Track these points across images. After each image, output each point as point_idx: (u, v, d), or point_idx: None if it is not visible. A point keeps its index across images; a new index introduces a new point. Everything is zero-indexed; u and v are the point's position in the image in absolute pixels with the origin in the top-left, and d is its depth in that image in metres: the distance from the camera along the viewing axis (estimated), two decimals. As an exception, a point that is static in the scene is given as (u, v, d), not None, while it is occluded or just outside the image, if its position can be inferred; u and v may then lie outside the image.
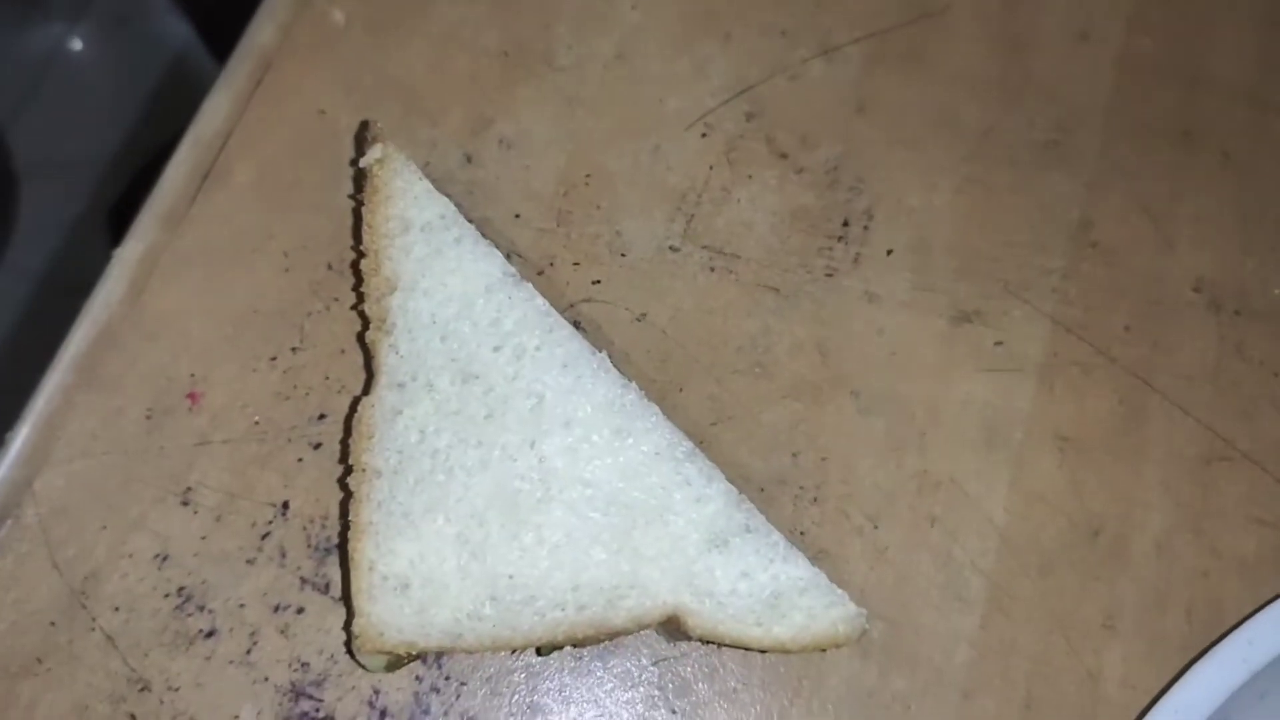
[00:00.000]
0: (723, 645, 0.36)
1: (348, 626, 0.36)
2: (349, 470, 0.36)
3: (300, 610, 0.37)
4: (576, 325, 0.40)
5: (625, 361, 0.40)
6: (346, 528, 0.35)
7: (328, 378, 0.39)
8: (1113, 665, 0.38)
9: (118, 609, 0.36)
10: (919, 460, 0.39)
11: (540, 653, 0.36)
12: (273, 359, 0.39)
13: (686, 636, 0.35)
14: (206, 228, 0.41)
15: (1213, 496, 0.40)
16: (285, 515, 0.38)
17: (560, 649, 0.36)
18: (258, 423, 0.39)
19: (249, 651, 0.36)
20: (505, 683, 0.36)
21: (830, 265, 0.42)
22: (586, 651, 0.37)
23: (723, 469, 0.37)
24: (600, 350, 0.37)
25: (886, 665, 0.37)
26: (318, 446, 0.38)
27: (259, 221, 0.41)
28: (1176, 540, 0.39)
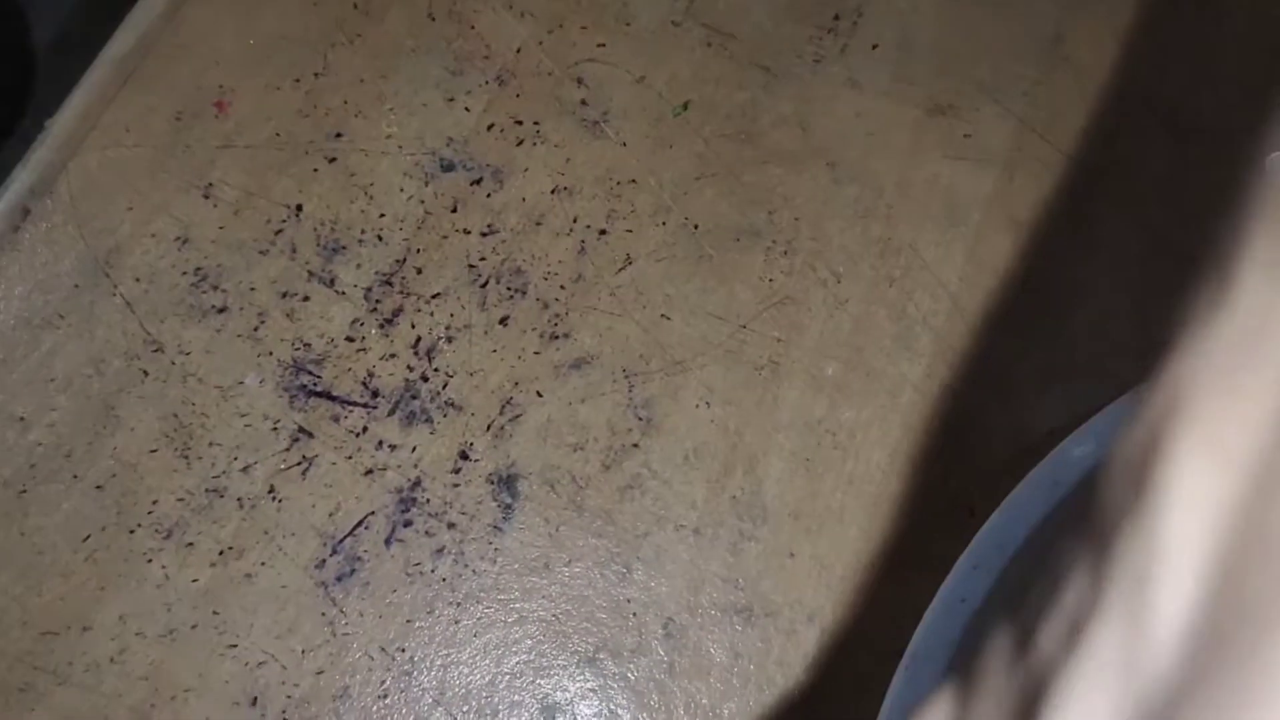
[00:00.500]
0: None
1: None
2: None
3: (306, 298, 0.40)
4: (579, 82, 0.43)
5: (623, 117, 0.43)
6: None
7: (346, 102, 0.42)
8: (1042, 420, 0.41)
9: (138, 279, 0.39)
10: (884, 228, 0.43)
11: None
12: (296, 80, 0.42)
13: None
14: (244, -42, 0.44)
15: (1152, 287, 0.43)
16: (299, 216, 0.41)
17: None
18: (278, 134, 0.42)
19: (256, 329, 0.39)
20: (488, 378, 0.40)
21: (819, 53, 0.45)
22: (561, 359, 0.40)
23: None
24: None
25: (837, 399, 0.40)
26: (332, 160, 0.41)
27: (293, -44, 0.44)
28: (1115, 321, 0.43)
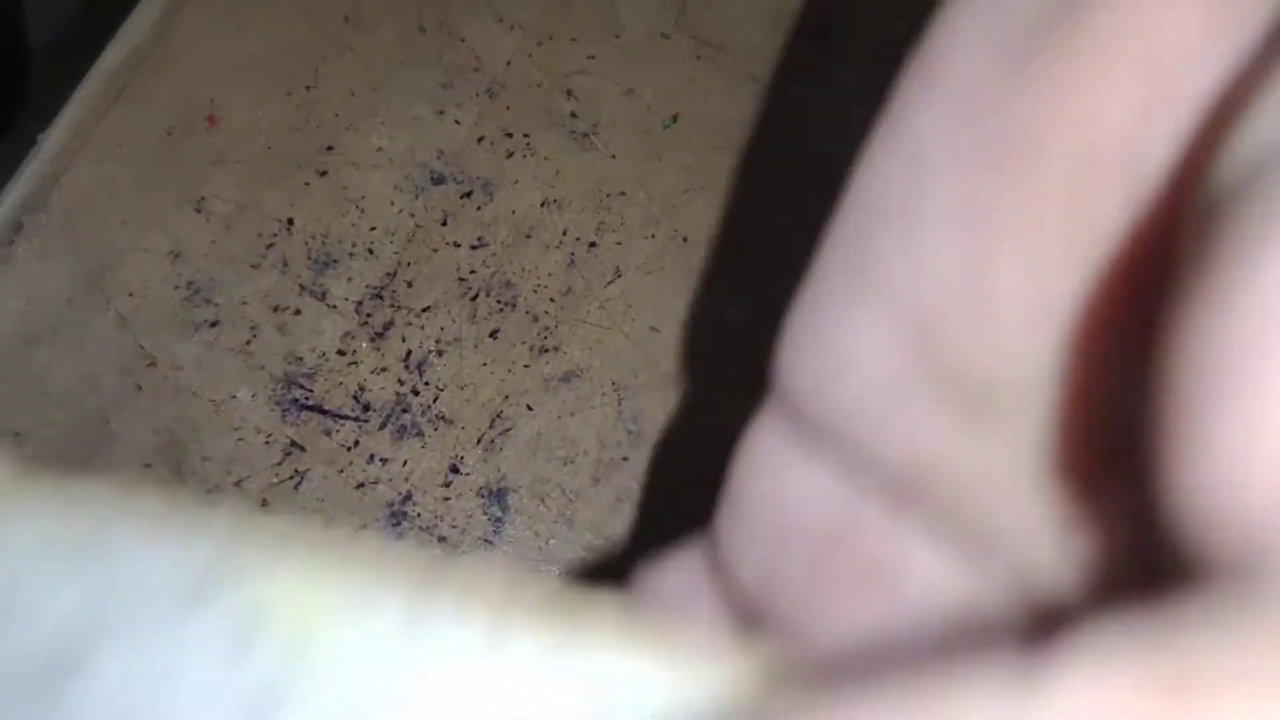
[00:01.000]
0: None
1: None
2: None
3: (298, 312, 0.40)
4: (569, 94, 0.44)
5: (612, 129, 0.44)
6: None
7: (337, 115, 0.43)
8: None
9: (131, 294, 0.40)
10: (870, 240, 0.43)
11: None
12: (288, 94, 0.43)
13: None
14: (235, -30, 0.44)
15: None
16: (290, 230, 0.41)
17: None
18: (270, 148, 0.42)
19: (248, 342, 0.40)
20: (478, 391, 0.40)
21: (808, 65, 0.45)
22: (550, 372, 0.41)
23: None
24: None
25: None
26: (324, 174, 0.42)
27: (284, -31, 0.44)
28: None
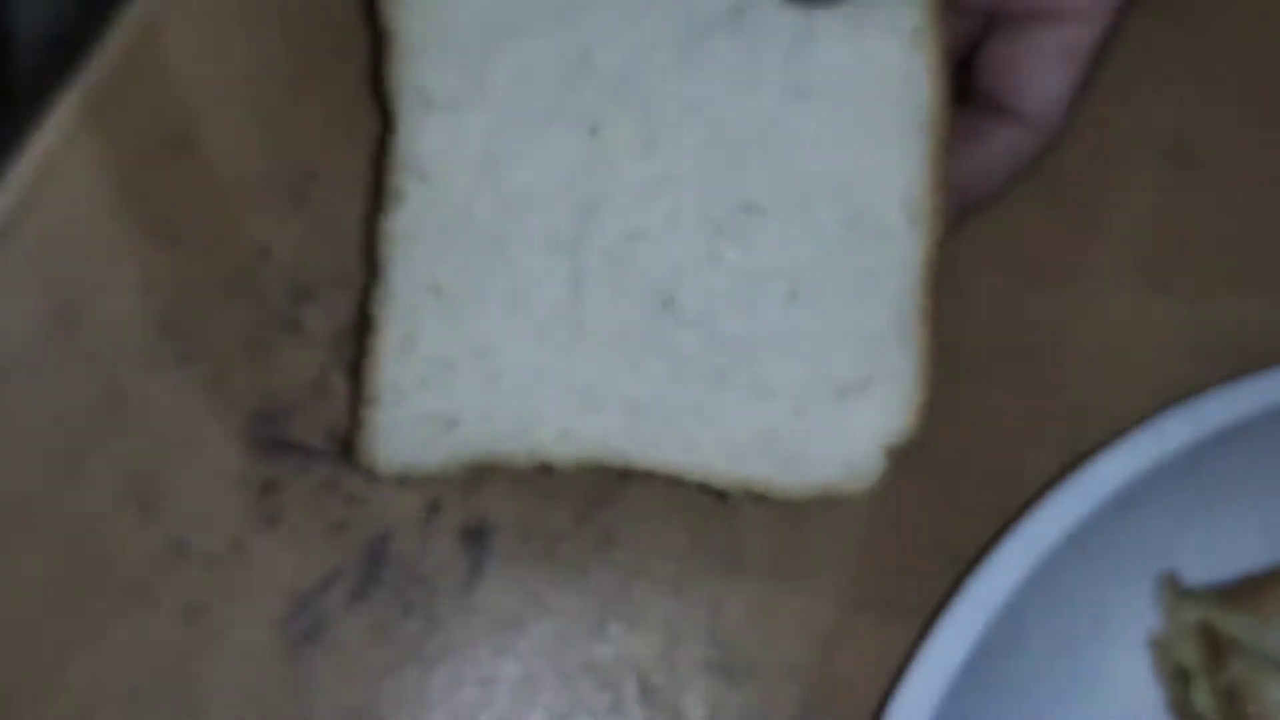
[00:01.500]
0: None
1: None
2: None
3: (273, 346, 0.39)
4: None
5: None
6: None
7: (316, 141, 0.41)
8: (1031, 466, 0.40)
9: (101, 329, 0.38)
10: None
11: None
12: (265, 119, 0.41)
13: None
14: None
15: (1144, 326, 0.43)
16: (266, 260, 0.40)
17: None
18: (246, 175, 0.41)
19: (222, 378, 0.38)
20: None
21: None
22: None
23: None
24: None
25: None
26: (302, 201, 0.40)
27: (263, -11, 0.43)
28: (1104, 361, 0.42)
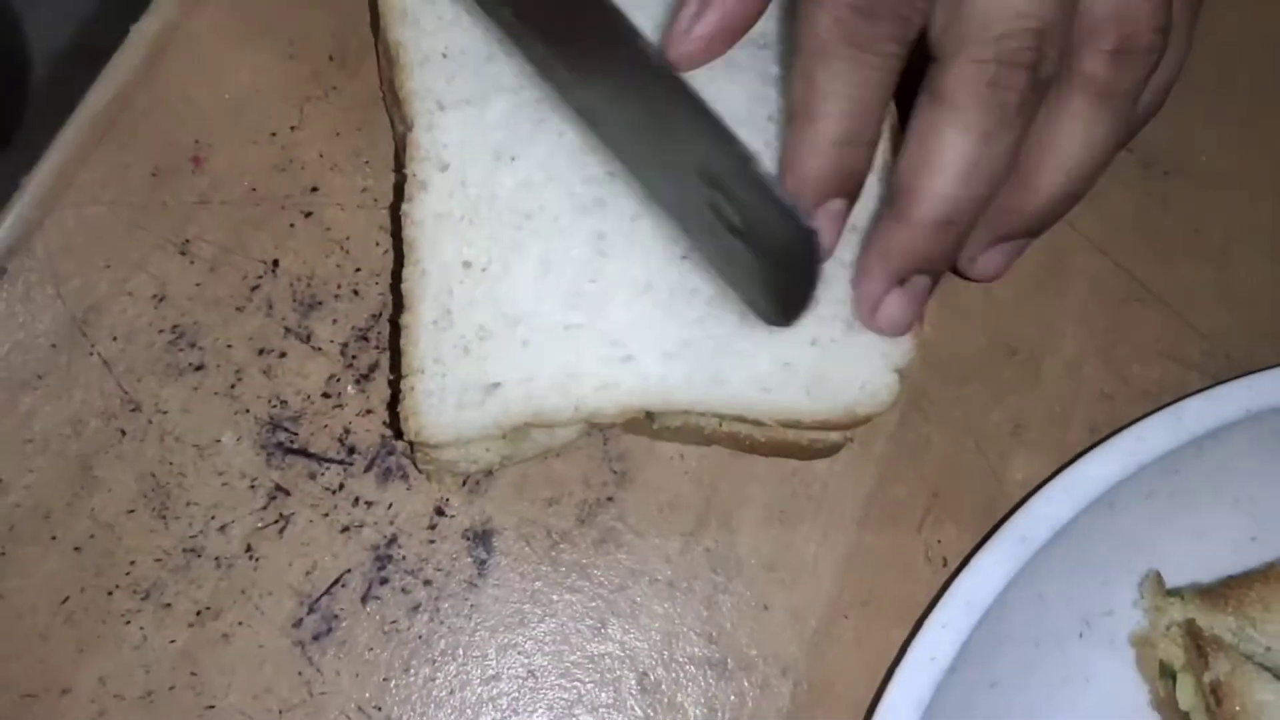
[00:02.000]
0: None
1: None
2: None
3: (283, 355, 0.40)
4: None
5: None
6: None
7: (322, 156, 0.42)
8: (1016, 468, 0.41)
9: (115, 338, 0.40)
10: (859, 275, 0.43)
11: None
12: (273, 134, 0.43)
13: None
14: (219, 10, 0.44)
15: (1125, 331, 0.44)
16: (275, 272, 0.41)
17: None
18: (254, 189, 0.42)
19: (233, 386, 0.40)
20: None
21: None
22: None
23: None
24: None
25: (811, 449, 0.41)
26: (309, 215, 0.42)
27: (269, 9, 0.44)
28: (1086, 365, 0.43)
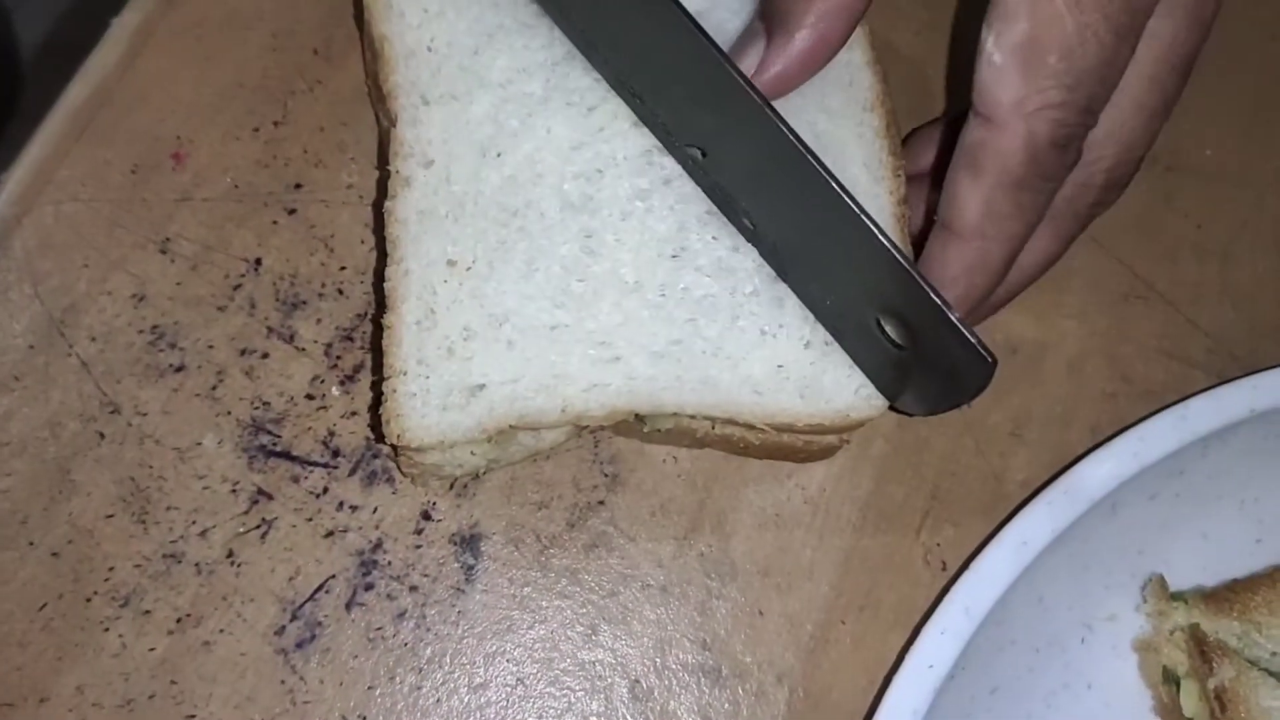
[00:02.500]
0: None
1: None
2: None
3: (265, 355, 0.39)
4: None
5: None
6: None
7: (305, 151, 0.42)
8: (1016, 469, 0.41)
9: (94, 339, 0.39)
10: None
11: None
12: (255, 130, 0.42)
13: None
14: (202, 4, 0.43)
15: (1127, 329, 0.43)
16: (257, 271, 0.40)
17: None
18: (237, 186, 0.41)
19: (215, 387, 0.39)
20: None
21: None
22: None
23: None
24: None
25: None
26: (292, 212, 0.41)
27: (252, 1, 0.43)
28: (1088, 364, 0.42)
